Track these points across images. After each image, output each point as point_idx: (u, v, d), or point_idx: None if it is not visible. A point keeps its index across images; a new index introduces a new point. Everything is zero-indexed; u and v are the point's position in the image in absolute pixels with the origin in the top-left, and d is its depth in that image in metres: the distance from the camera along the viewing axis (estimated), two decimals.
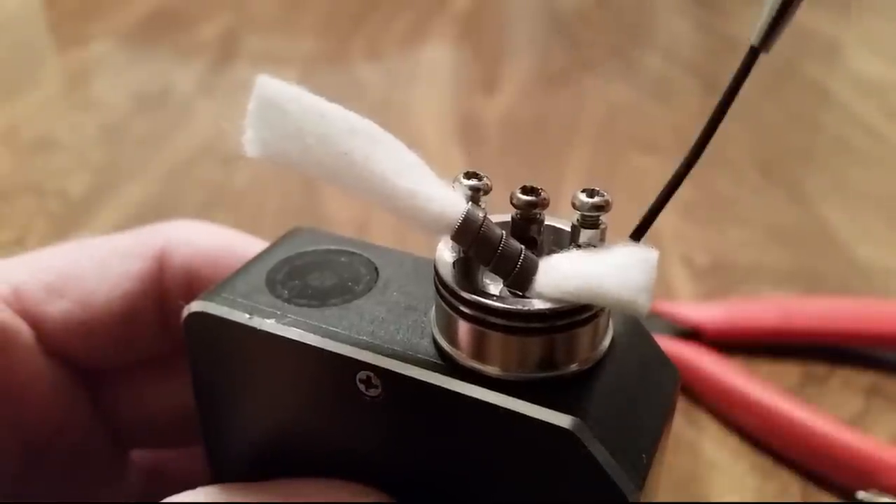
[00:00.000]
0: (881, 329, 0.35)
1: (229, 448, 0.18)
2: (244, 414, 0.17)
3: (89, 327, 0.18)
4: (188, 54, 0.68)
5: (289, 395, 0.16)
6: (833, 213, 0.47)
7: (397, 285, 0.16)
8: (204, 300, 0.16)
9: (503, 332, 0.13)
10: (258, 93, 0.13)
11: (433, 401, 0.14)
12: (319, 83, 0.63)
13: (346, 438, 0.16)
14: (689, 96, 0.64)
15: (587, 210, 0.13)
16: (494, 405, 0.13)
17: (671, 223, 0.45)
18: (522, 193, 0.14)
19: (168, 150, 0.52)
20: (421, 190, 0.13)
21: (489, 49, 0.73)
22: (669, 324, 0.35)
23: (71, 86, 0.63)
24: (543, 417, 0.13)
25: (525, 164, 0.52)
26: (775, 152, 0.54)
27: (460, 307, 0.14)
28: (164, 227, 0.20)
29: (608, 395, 0.14)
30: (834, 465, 0.29)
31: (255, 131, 0.13)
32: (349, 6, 0.81)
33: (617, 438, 0.13)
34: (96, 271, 0.19)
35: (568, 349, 0.14)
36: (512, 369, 0.14)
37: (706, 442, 0.31)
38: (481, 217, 0.13)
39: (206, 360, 0.17)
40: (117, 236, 0.20)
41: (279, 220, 0.44)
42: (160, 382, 0.20)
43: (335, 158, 0.13)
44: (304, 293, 0.16)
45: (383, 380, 0.14)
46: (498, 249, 0.13)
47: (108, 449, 0.20)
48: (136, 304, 0.19)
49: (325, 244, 0.18)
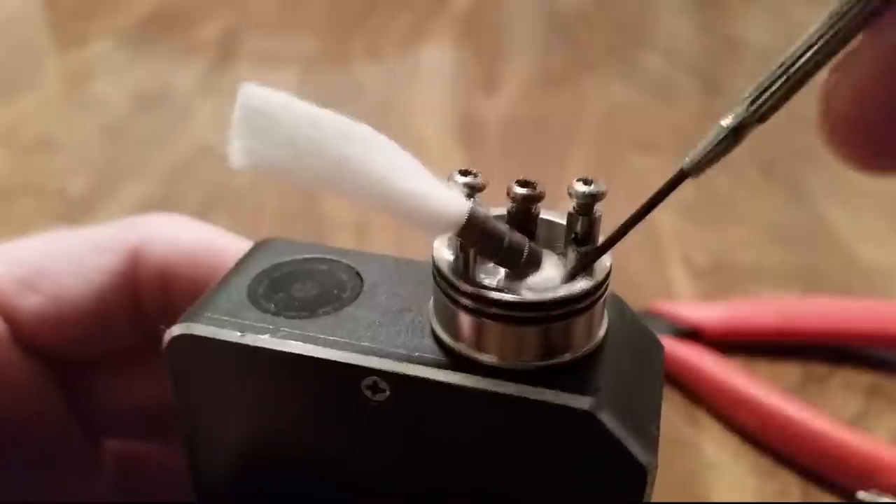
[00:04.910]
0: (881, 329, 0.35)
1: (218, 467, 0.17)
2: (237, 434, 0.16)
3: (62, 322, 0.18)
4: (188, 54, 0.68)
5: (286, 409, 0.16)
6: (833, 213, 0.47)
7: (384, 288, 0.16)
8: (187, 322, 0.15)
9: (515, 323, 0.14)
10: (243, 102, 0.12)
11: (444, 399, 0.14)
12: (319, 83, 0.63)
13: (351, 447, 0.16)
14: (689, 96, 0.64)
15: (582, 198, 0.14)
16: (511, 395, 0.14)
17: (671, 223, 0.45)
18: (519, 186, 0.14)
19: (168, 150, 0.52)
20: (420, 190, 0.13)
21: (489, 49, 0.73)
22: (669, 324, 0.35)
23: (71, 86, 0.63)
24: (561, 402, 0.13)
25: (525, 164, 0.52)
26: (776, 152, 0.54)
27: (473, 304, 0.14)
28: (139, 222, 0.20)
29: (613, 374, 0.14)
30: (834, 465, 0.29)
31: (243, 141, 0.12)
32: (349, 6, 0.81)
33: (628, 414, 0.14)
34: (70, 266, 0.18)
35: (575, 334, 0.14)
36: (521, 359, 0.14)
37: (706, 442, 0.31)
38: (484, 213, 0.13)
39: (193, 383, 0.16)
40: (92, 229, 0.20)
41: (279, 220, 0.45)
42: (133, 374, 0.20)
43: (330, 164, 0.13)
44: (292, 305, 0.16)
45: (391, 384, 0.14)
46: (504, 243, 0.13)
47: (81, 440, 0.20)
48: (109, 299, 0.19)
49: (299, 254, 0.17)
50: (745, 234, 0.45)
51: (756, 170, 0.52)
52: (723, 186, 0.50)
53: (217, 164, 0.49)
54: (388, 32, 0.75)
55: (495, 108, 0.60)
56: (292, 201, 0.46)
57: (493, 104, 0.61)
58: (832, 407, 0.33)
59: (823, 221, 0.46)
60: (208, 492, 0.18)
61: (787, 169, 0.53)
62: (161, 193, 0.46)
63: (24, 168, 0.49)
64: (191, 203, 0.45)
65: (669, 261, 0.42)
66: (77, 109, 0.58)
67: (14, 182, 0.47)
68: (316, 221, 0.45)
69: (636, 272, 0.41)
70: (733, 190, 0.49)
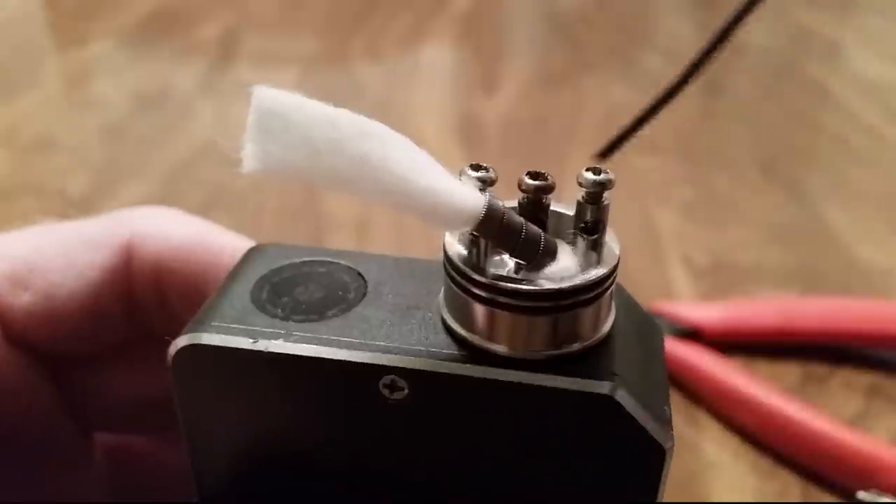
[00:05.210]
0: (881, 329, 0.35)
1: (225, 474, 0.17)
2: (246, 441, 0.16)
3: (53, 319, 0.18)
4: (188, 54, 0.68)
5: (300, 413, 0.16)
6: (833, 213, 0.47)
7: (389, 287, 0.16)
8: (194, 332, 0.15)
9: (538, 313, 0.14)
10: (257, 104, 0.12)
11: (463, 392, 0.14)
12: (319, 83, 0.63)
13: (367, 448, 0.16)
14: (689, 96, 0.63)
15: (591, 187, 0.14)
16: (532, 385, 0.14)
17: (671, 223, 0.45)
18: (530, 178, 0.14)
19: (168, 150, 0.52)
20: (440, 186, 0.13)
21: (489, 49, 0.73)
22: (669, 324, 0.35)
23: (71, 86, 0.63)
24: (582, 388, 0.14)
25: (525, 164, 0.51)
26: (775, 152, 0.54)
27: (495, 296, 0.14)
28: (132, 215, 0.20)
29: (625, 359, 0.15)
30: (834, 465, 0.29)
31: (258, 144, 0.12)
32: (349, 6, 0.81)
33: (644, 397, 0.14)
34: (61, 262, 0.18)
35: (589, 322, 0.14)
36: (537, 348, 0.14)
37: (706, 442, 0.31)
38: (502, 206, 0.14)
39: (200, 393, 0.16)
40: (84, 223, 0.19)
41: (279, 220, 0.45)
42: (125, 367, 0.20)
43: (350, 163, 0.12)
44: (299, 309, 0.16)
45: (410, 381, 0.14)
46: (521, 235, 0.14)
47: (72, 435, 0.20)
48: (101, 295, 0.18)
49: (295, 258, 0.17)
50: (745, 233, 0.45)
51: (756, 170, 0.52)
52: (723, 186, 0.50)
53: (217, 164, 0.49)
54: (388, 32, 0.75)
55: (495, 108, 0.60)
56: (292, 201, 0.46)
57: (493, 104, 0.61)
58: (832, 407, 0.33)
59: (823, 221, 0.46)
60: (213, 498, 0.18)
61: (787, 169, 0.53)
62: (161, 193, 0.46)
63: (24, 168, 0.49)
64: (191, 203, 0.45)
65: (669, 261, 0.42)
66: (77, 109, 0.58)
67: (14, 182, 0.47)
68: (316, 221, 0.45)
69: (636, 272, 0.41)
70: (733, 190, 0.49)
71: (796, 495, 0.29)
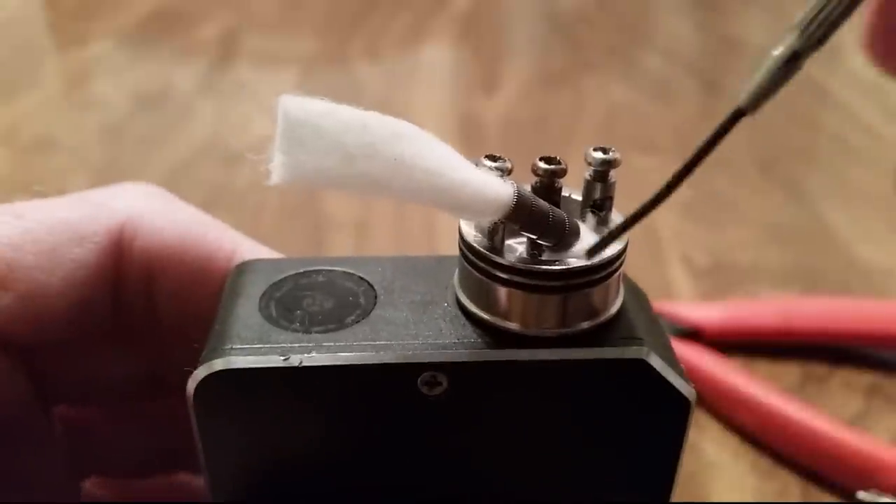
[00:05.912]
0: (881, 329, 0.35)
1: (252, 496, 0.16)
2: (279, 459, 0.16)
3: (35, 319, 0.17)
4: (188, 54, 0.68)
5: (336, 422, 0.15)
6: (833, 213, 0.47)
7: (399, 287, 0.16)
8: (215, 360, 0.14)
9: (562, 292, 0.14)
10: (285, 113, 0.12)
11: (501, 378, 0.15)
12: (319, 83, 0.63)
13: (407, 447, 0.16)
14: (689, 96, 0.64)
15: (599, 165, 0.15)
16: (570, 360, 0.15)
17: (671, 223, 0.45)
18: (544, 163, 0.15)
19: (168, 150, 0.52)
20: (472, 178, 0.13)
21: (489, 49, 0.73)
22: (669, 324, 0.35)
23: (71, 86, 0.63)
24: (617, 356, 0.15)
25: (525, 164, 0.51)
26: (775, 152, 0.54)
27: (529, 280, 0.14)
28: (120, 203, 0.19)
29: (641, 324, 0.15)
30: (834, 465, 0.29)
31: (288, 154, 0.12)
32: (349, 6, 0.81)
33: (665, 356, 0.15)
34: (44, 260, 0.17)
35: (614, 292, 0.15)
36: (569, 325, 0.15)
37: (706, 442, 0.31)
38: (529, 193, 0.14)
39: (227, 421, 0.15)
40: (68, 208, 0.18)
41: (279, 220, 0.45)
42: (97, 350, 0.19)
43: (384, 166, 0.12)
44: (316, 320, 0.15)
45: (449, 374, 0.14)
46: (549, 220, 0.14)
47: (37, 411, 0.19)
48: (88, 294, 0.18)
49: (289, 270, 0.17)
50: (745, 233, 0.45)
51: (755, 170, 0.52)
52: (722, 186, 0.50)
53: (217, 164, 0.49)
54: (387, 32, 0.75)
55: (495, 108, 0.60)
56: (293, 201, 0.46)
57: (492, 104, 0.61)
58: (832, 407, 0.33)
59: (823, 221, 0.46)
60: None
61: (787, 169, 0.53)
62: None
63: (24, 168, 0.49)
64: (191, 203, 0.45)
65: (669, 261, 0.42)
66: (77, 109, 0.58)
67: (14, 182, 0.47)
68: (317, 221, 0.45)
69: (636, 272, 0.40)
70: (733, 190, 0.49)
71: (796, 495, 0.29)
